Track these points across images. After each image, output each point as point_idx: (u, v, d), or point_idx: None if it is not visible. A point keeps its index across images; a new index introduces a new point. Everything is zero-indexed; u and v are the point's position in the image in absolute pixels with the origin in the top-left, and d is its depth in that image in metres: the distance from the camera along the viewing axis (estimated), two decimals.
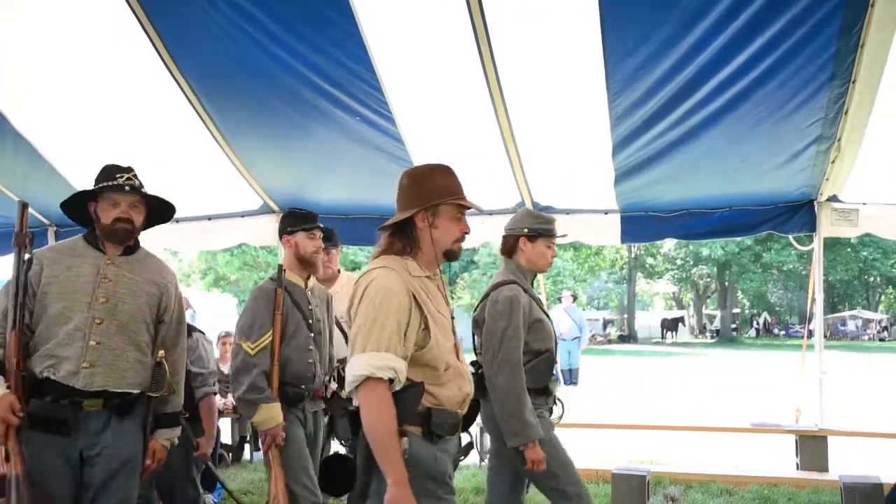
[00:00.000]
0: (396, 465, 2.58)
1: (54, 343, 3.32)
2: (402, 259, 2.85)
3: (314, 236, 4.39)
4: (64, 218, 8.11)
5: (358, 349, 2.65)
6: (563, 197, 7.34)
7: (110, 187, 3.59)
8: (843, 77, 5.02)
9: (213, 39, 5.34)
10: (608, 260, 41.09)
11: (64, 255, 3.54)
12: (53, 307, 3.36)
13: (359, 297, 2.75)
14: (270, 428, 4.01)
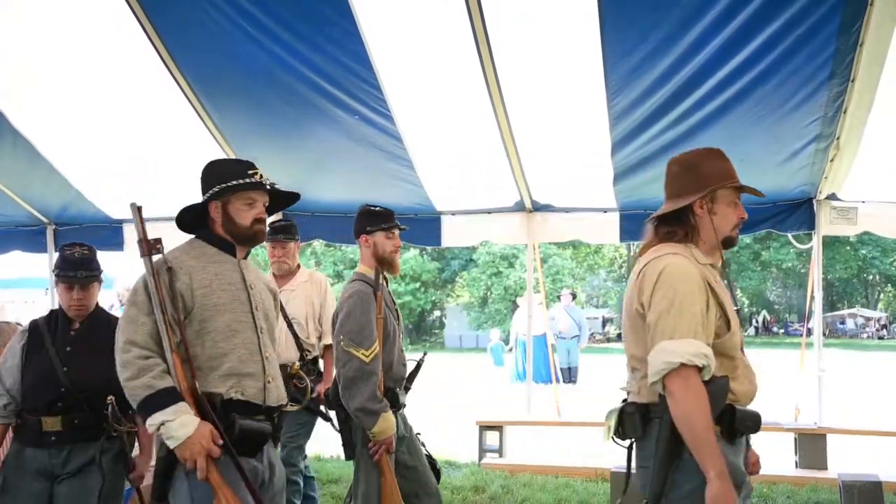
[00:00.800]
0: (717, 457, 2.41)
1: (233, 359, 2.95)
2: (685, 247, 2.73)
3: (393, 235, 4.20)
4: (63, 216, 8.22)
5: (663, 335, 2.50)
6: (561, 195, 7.34)
7: (250, 185, 3.12)
8: (842, 76, 5.02)
9: (211, 37, 5.34)
10: (607, 258, 41.09)
11: (203, 262, 3.08)
12: (218, 320, 2.97)
13: (651, 283, 2.60)
14: (388, 437, 3.85)
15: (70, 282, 3.67)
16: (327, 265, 35.76)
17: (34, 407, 3.58)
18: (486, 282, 33.19)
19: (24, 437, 3.62)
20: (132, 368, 2.79)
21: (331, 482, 6.66)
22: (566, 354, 15.08)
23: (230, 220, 3.12)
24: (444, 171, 7.03)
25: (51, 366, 3.60)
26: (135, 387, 2.78)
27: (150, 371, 2.79)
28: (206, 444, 2.74)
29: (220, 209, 3.14)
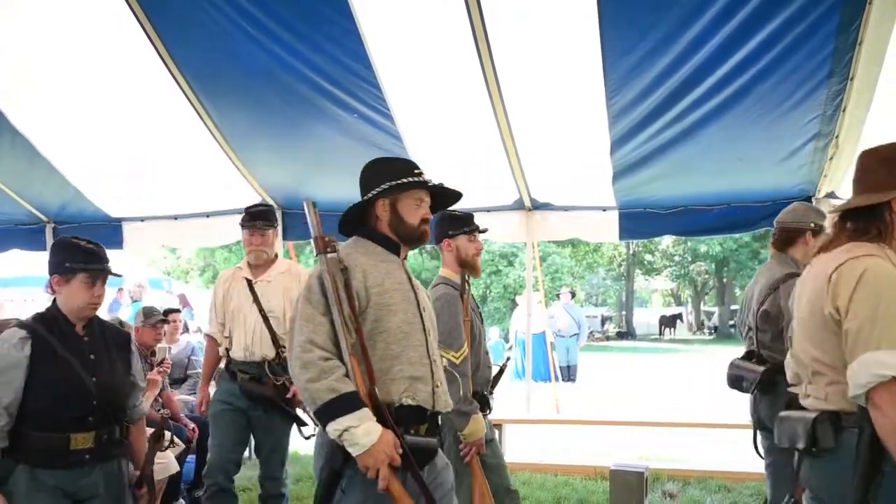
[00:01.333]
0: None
1: (405, 362, 2.83)
2: (879, 247, 2.53)
3: (474, 238, 4.20)
4: (62, 215, 8.22)
5: (868, 346, 2.32)
6: (561, 194, 7.35)
7: (420, 184, 3.00)
8: (840, 74, 5.03)
9: (210, 37, 5.35)
10: (606, 257, 41.08)
11: (374, 260, 2.95)
12: (391, 321, 2.85)
13: (851, 287, 2.40)
14: (479, 438, 3.86)
15: (95, 275, 3.28)
16: None
17: (57, 423, 3.16)
18: (485, 280, 33.14)
19: (39, 458, 3.14)
20: (314, 370, 2.66)
21: None
22: (565, 353, 15.10)
23: (399, 219, 3.00)
24: (443, 170, 7.00)
25: (77, 376, 3.19)
26: (317, 389, 2.64)
27: (332, 374, 2.66)
28: (389, 452, 2.64)
29: (387, 207, 2.99)
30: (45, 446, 3.14)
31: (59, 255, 3.29)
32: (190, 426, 5.95)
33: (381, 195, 2.97)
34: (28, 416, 3.13)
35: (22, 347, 3.14)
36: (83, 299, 3.26)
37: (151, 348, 6.18)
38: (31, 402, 3.12)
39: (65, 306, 3.27)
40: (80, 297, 3.26)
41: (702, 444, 8.19)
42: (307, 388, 2.66)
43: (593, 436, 8.44)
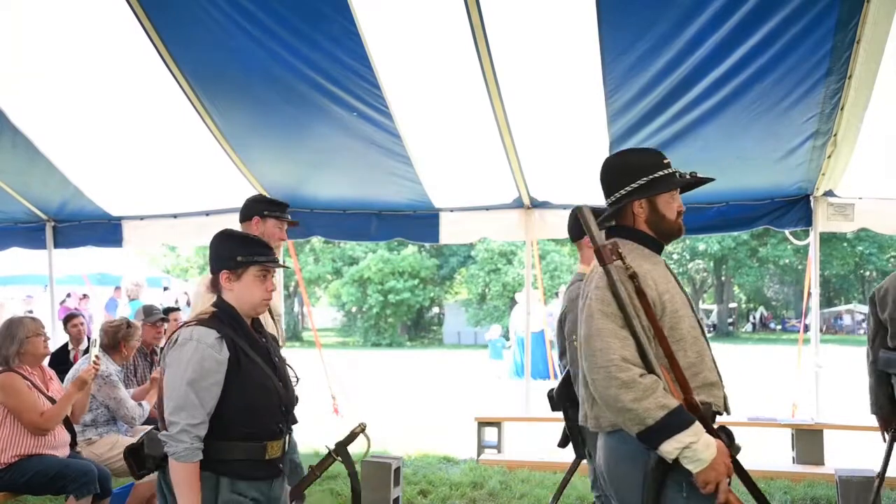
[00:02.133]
0: None
1: (703, 368, 2.68)
2: None
3: None
4: (62, 213, 8.23)
5: None
6: (560, 192, 7.36)
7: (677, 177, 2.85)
8: (839, 73, 5.04)
9: (210, 35, 5.35)
10: None
11: (649, 264, 2.74)
12: (683, 327, 2.67)
13: None
14: None
15: (267, 267, 3.05)
16: (326, 262, 35.73)
17: (254, 431, 2.90)
18: (484, 278, 33.16)
19: (240, 470, 2.88)
20: (637, 388, 2.48)
21: (330, 478, 6.68)
22: None
23: (659, 216, 2.81)
24: (442, 168, 7.04)
25: (269, 380, 2.98)
26: (647, 409, 2.46)
27: (656, 390, 2.49)
28: (728, 463, 2.51)
29: (644, 204, 2.80)
30: (244, 456, 2.88)
31: (227, 249, 3.04)
32: None
33: (636, 192, 2.78)
34: (227, 424, 2.85)
35: (220, 349, 2.87)
36: (258, 294, 3.02)
37: (152, 347, 6.19)
38: (229, 408, 2.85)
39: (238, 303, 2.99)
40: (254, 291, 3.01)
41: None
42: (632, 408, 2.48)
43: None
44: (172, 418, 2.77)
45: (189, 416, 2.76)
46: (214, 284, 3.04)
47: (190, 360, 2.80)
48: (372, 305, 33.58)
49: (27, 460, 4.51)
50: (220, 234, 3.13)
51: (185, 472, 2.77)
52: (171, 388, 2.82)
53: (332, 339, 37.06)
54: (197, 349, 2.82)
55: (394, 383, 15.93)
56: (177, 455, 2.75)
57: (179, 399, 2.78)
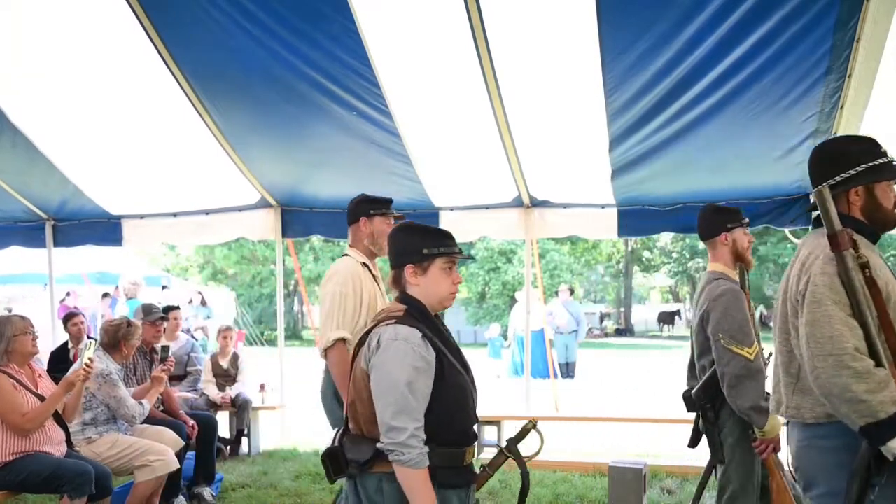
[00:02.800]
0: None
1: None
2: None
3: (747, 231, 4.11)
4: (62, 212, 8.24)
5: None
6: (559, 191, 7.36)
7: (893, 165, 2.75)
8: (838, 72, 5.04)
9: (209, 34, 5.35)
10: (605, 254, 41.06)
11: (872, 253, 2.66)
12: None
13: None
14: (776, 435, 3.79)
15: (454, 259, 2.92)
16: (325, 261, 35.71)
17: (456, 436, 2.78)
18: (483, 277, 33.16)
19: (446, 477, 2.72)
20: (872, 380, 2.41)
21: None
22: (564, 349, 15.11)
23: (876, 205, 2.72)
24: (442, 167, 7.04)
25: (466, 381, 2.85)
26: (881, 402, 2.39)
27: (889, 384, 2.42)
28: None
29: (862, 192, 2.72)
30: (447, 463, 2.72)
31: (411, 242, 2.91)
32: (189, 423, 5.96)
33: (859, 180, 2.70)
34: (430, 429, 2.67)
35: (427, 349, 2.72)
36: (445, 287, 2.89)
37: (152, 345, 6.19)
38: (432, 412, 2.69)
39: (425, 298, 2.86)
40: (442, 285, 2.87)
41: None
42: (865, 399, 2.40)
43: (592, 432, 8.45)
44: (396, 423, 2.60)
45: (413, 420, 2.61)
46: (397, 280, 2.92)
47: (403, 361, 2.66)
48: None
49: (22, 460, 4.50)
50: (401, 228, 3.02)
51: (420, 479, 2.61)
52: (388, 391, 2.64)
53: None
54: (407, 350, 2.67)
55: None
56: (411, 462, 2.59)
57: (400, 403, 2.62)
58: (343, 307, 4.03)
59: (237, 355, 8.18)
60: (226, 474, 6.69)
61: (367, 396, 2.72)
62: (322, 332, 4.06)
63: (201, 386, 7.75)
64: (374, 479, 2.71)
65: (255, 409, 7.94)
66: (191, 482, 6.09)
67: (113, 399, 5.16)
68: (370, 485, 2.72)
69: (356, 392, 2.79)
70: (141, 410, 5.27)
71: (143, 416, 5.29)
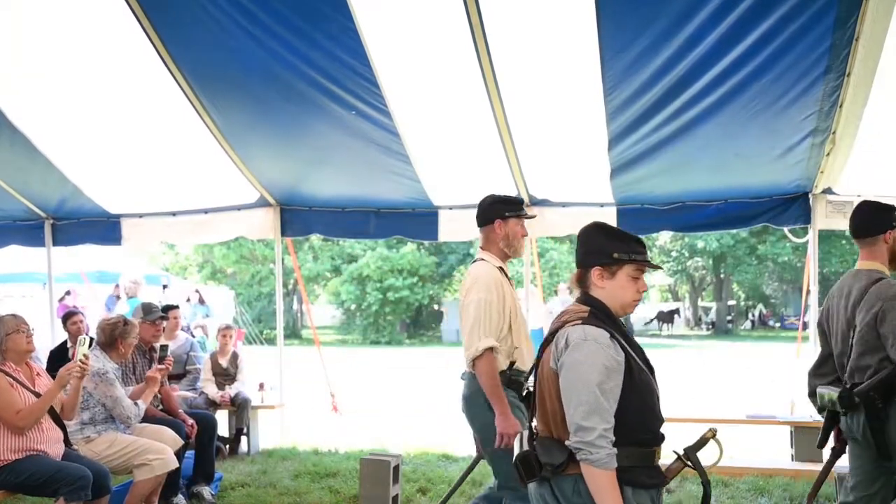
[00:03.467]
0: None
1: None
2: None
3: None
4: (61, 211, 8.24)
5: None
6: (558, 190, 7.36)
7: None
8: (837, 70, 5.04)
9: (208, 33, 5.35)
10: None
11: None
12: None
13: None
14: None
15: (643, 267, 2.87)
16: (325, 260, 35.74)
17: (646, 437, 2.73)
18: None
19: (635, 477, 2.67)
20: None
21: (329, 476, 6.69)
22: None
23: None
24: (441, 166, 7.04)
25: (653, 383, 2.81)
26: None
27: None
28: None
29: None
30: (640, 463, 2.69)
31: (602, 244, 2.87)
32: (189, 422, 5.96)
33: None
34: (622, 429, 2.64)
35: (616, 349, 2.69)
36: (630, 294, 2.84)
37: (151, 345, 6.18)
38: (624, 411, 2.66)
39: (608, 301, 2.82)
40: (627, 291, 2.83)
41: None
42: None
43: None
44: (586, 423, 2.57)
45: (603, 421, 2.58)
46: (581, 280, 2.90)
47: (594, 361, 2.63)
48: (371, 303, 33.60)
49: (23, 461, 4.49)
50: (594, 228, 2.97)
51: (607, 479, 2.57)
52: (579, 391, 2.62)
53: (331, 336, 37.08)
54: (597, 349, 2.65)
55: (393, 381, 15.95)
56: (598, 462, 2.56)
57: (592, 403, 2.59)
58: (489, 315, 4.00)
59: (237, 354, 8.18)
60: (225, 473, 6.69)
61: (556, 396, 2.71)
62: (469, 342, 4.01)
63: (200, 385, 7.75)
64: (570, 481, 2.68)
65: (254, 408, 7.95)
66: (190, 481, 6.10)
67: (109, 398, 5.15)
68: (566, 487, 2.69)
69: (546, 393, 2.78)
70: (136, 411, 5.26)
71: (138, 417, 5.28)
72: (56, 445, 4.70)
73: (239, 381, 7.98)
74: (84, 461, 4.73)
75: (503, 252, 4.25)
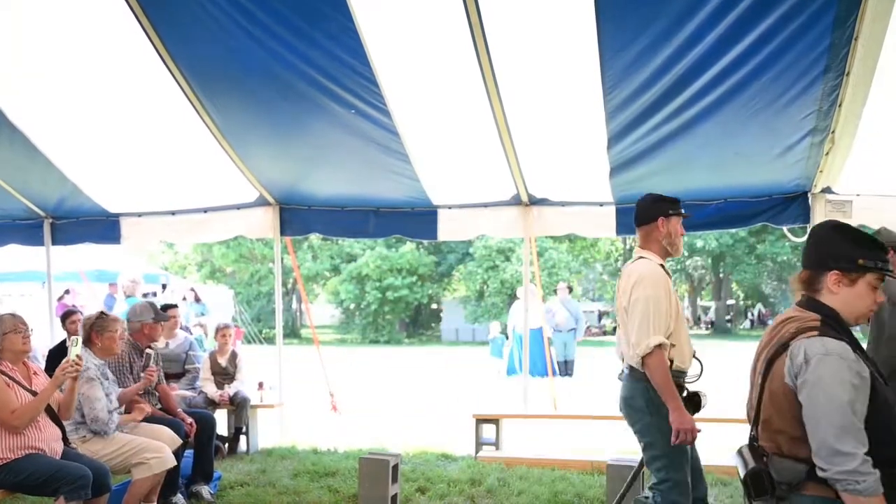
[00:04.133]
0: None
1: None
2: None
3: None
4: (60, 210, 8.24)
5: None
6: (558, 189, 7.36)
7: None
8: (837, 69, 5.03)
9: (208, 33, 5.34)
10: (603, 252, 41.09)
11: None
12: None
13: None
14: None
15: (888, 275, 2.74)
16: (324, 259, 35.75)
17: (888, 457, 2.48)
18: (482, 275, 33.21)
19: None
20: None
21: (328, 475, 6.68)
22: (563, 347, 15.11)
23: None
24: (440, 165, 7.04)
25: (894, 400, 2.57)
26: None
27: None
28: None
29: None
30: (889, 485, 2.45)
31: (845, 247, 2.65)
32: (188, 421, 5.95)
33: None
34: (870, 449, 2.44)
35: (860, 364, 2.50)
36: (866, 305, 2.66)
37: (148, 345, 6.17)
38: (871, 430, 2.46)
39: (842, 309, 2.64)
40: (865, 301, 2.65)
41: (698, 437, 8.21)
42: None
43: (590, 430, 8.45)
44: (843, 447, 2.39)
45: (860, 444, 2.40)
46: (811, 282, 2.70)
47: (841, 378, 2.44)
48: (370, 302, 33.63)
49: (23, 460, 4.48)
50: (835, 228, 2.73)
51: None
52: (829, 412, 2.43)
53: (331, 336, 37.10)
54: (842, 366, 2.46)
55: (392, 380, 15.95)
56: (867, 490, 2.38)
57: (844, 424, 2.41)
58: (658, 311, 3.99)
59: (236, 353, 8.18)
60: (224, 472, 6.69)
61: (788, 414, 2.57)
62: (637, 338, 3.99)
63: (199, 384, 7.75)
64: (808, 501, 2.55)
65: (253, 408, 7.94)
66: (189, 480, 6.09)
67: (84, 396, 5.06)
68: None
69: (774, 408, 2.64)
70: (106, 419, 5.11)
71: (107, 427, 5.12)
72: (55, 444, 4.69)
73: (238, 380, 7.97)
74: (84, 460, 4.72)
75: (665, 250, 4.24)
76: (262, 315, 34.44)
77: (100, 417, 5.10)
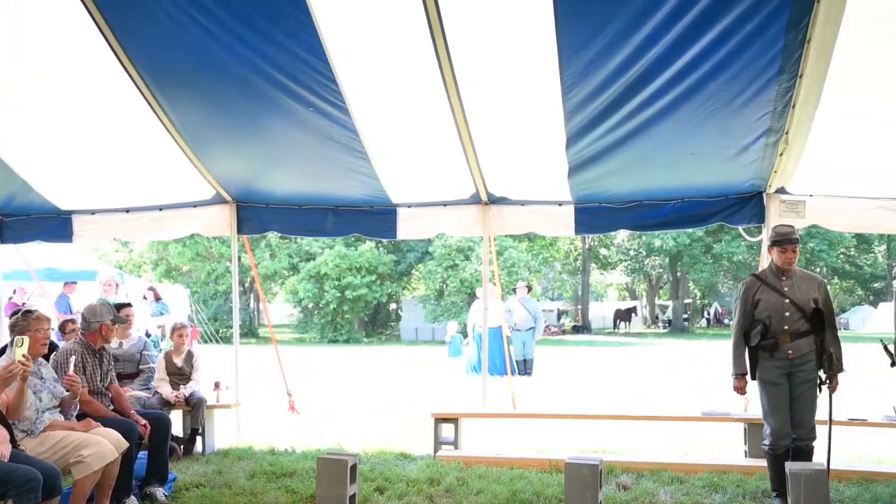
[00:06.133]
0: None
1: None
2: None
3: None
4: (9, 207, 8.04)
5: None
6: (517, 188, 7.38)
7: None
8: (790, 71, 5.12)
9: (163, 28, 5.26)
10: (562, 251, 41.43)
11: None
12: None
13: None
14: None
15: None
16: (282, 258, 35.48)
17: None
18: (441, 274, 33.25)
19: None
20: None
21: (285, 476, 6.62)
22: (522, 346, 15.17)
23: None
24: (399, 164, 7.02)
25: None
26: None
27: None
28: None
29: None
30: None
31: None
32: (141, 422, 5.84)
33: None
34: None
35: None
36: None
37: (102, 346, 6.05)
38: None
39: None
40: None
41: (655, 436, 8.30)
42: None
43: (549, 429, 8.49)
44: None
45: None
46: None
47: None
48: (329, 301, 33.46)
49: None
50: None
51: None
52: None
53: (289, 335, 36.84)
54: None
55: (351, 380, 15.87)
56: None
57: None
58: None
59: (192, 353, 8.06)
60: (179, 474, 6.59)
61: None
62: None
63: (154, 384, 7.63)
64: None
65: (209, 408, 7.84)
66: (143, 482, 5.99)
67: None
68: None
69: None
70: (33, 418, 4.99)
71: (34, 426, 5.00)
72: (2, 446, 4.57)
73: (194, 380, 7.85)
74: (34, 462, 4.61)
75: None
76: (218, 314, 34.10)
77: (26, 416, 4.98)
